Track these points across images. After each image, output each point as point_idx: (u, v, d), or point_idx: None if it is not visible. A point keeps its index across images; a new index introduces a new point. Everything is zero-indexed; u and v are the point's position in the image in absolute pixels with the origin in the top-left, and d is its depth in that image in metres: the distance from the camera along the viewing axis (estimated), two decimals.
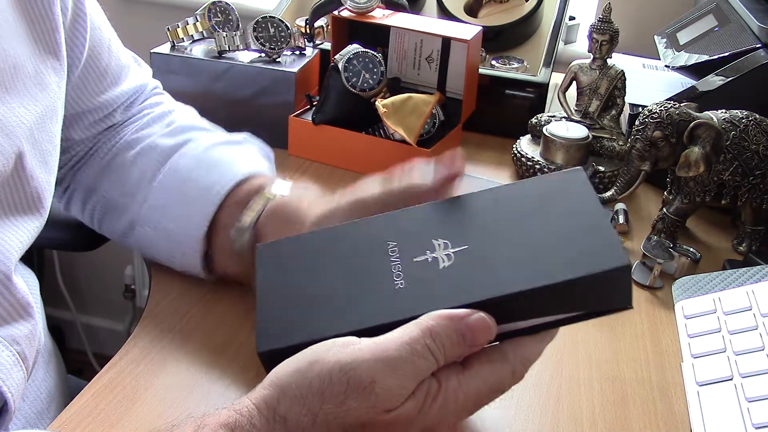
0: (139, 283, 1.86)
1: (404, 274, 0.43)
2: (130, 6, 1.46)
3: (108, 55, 0.70)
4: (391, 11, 0.98)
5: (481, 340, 0.40)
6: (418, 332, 0.39)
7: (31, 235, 0.56)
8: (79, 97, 0.68)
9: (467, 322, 0.40)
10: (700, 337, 0.62)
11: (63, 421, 0.52)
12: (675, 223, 0.79)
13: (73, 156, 0.72)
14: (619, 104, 0.95)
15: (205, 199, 0.63)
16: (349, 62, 0.90)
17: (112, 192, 0.69)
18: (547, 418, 0.57)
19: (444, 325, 0.40)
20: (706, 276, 0.69)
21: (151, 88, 0.77)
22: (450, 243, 0.43)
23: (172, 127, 0.71)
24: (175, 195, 0.65)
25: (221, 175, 0.64)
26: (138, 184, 0.67)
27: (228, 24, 0.98)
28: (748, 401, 0.53)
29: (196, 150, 0.67)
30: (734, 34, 0.94)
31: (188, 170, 0.65)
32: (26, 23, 0.57)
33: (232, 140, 0.70)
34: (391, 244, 0.44)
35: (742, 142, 0.76)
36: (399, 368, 0.38)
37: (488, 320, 0.40)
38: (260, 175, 0.65)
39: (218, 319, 0.64)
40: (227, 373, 0.58)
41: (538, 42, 1.14)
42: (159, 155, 0.68)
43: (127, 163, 0.69)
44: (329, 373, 0.39)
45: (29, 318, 0.55)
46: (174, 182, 0.65)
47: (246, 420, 0.39)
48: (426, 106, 0.90)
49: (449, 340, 0.39)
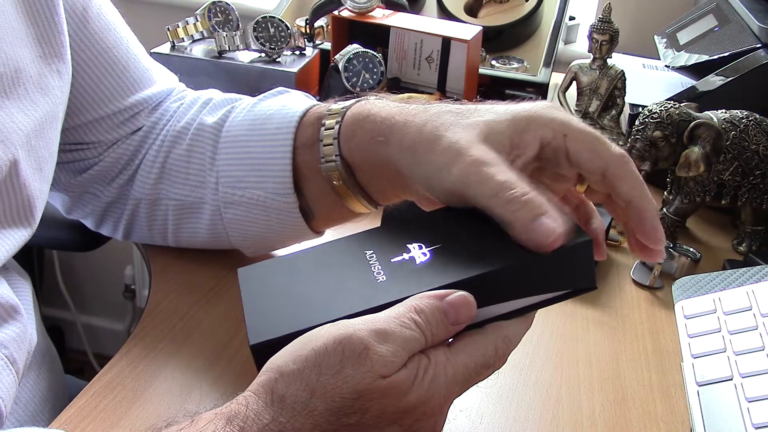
0: (139, 283, 1.86)
1: (384, 271, 0.45)
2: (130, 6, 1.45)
3: (126, 57, 0.67)
4: (391, 11, 0.98)
5: (462, 317, 0.42)
6: (405, 309, 0.41)
7: (17, 245, 0.55)
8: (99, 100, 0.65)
9: (449, 300, 0.42)
10: (700, 337, 0.62)
11: (63, 421, 0.52)
12: (675, 223, 0.79)
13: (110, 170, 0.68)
14: (619, 104, 0.95)
15: (275, 152, 0.60)
16: (349, 62, 0.90)
17: (180, 191, 0.66)
18: (547, 418, 0.57)
19: (428, 303, 0.42)
20: (706, 276, 0.69)
21: (179, 91, 0.74)
22: (424, 245, 0.46)
23: (209, 105, 0.68)
24: (245, 162, 0.62)
25: (280, 122, 0.61)
26: (202, 171, 0.64)
27: (228, 24, 0.98)
28: (748, 401, 0.53)
29: (243, 113, 0.64)
30: (734, 34, 0.94)
31: (246, 133, 0.62)
32: (30, 26, 0.56)
33: (270, 93, 0.66)
34: (369, 252, 0.47)
35: (742, 142, 0.76)
36: (389, 337, 0.40)
37: (468, 297, 0.42)
38: (313, 106, 0.61)
39: (218, 319, 0.64)
40: (227, 373, 0.58)
41: (538, 42, 1.14)
42: (210, 135, 0.64)
43: (182, 157, 0.65)
44: (324, 345, 0.40)
45: (16, 321, 0.54)
46: (237, 152, 0.62)
47: (243, 407, 0.40)
48: None
49: (434, 316, 0.41)
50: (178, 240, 0.69)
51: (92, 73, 0.65)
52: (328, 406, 0.39)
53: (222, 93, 0.70)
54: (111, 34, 0.66)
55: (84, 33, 0.64)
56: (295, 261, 0.49)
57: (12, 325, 0.54)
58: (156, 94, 0.70)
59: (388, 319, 0.41)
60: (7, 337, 0.53)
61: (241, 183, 0.62)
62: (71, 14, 0.62)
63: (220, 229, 0.65)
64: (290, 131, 0.60)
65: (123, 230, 0.70)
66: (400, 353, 0.40)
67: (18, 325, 0.54)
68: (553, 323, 0.67)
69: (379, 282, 0.44)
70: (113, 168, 0.68)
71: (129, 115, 0.68)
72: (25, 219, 0.55)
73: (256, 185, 0.61)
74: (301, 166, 0.60)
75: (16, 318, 0.54)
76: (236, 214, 0.63)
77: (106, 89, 0.66)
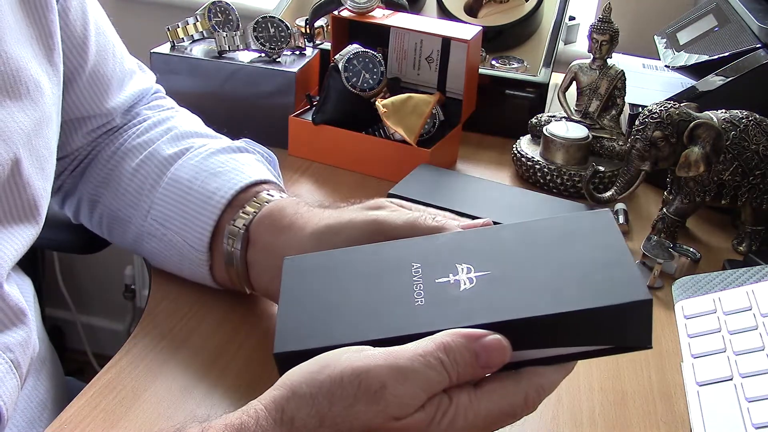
0: (139, 283, 1.86)
1: (425, 292, 0.43)
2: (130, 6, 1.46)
3: (113, 61, 0.69)
4: (391, 11, 0.98)
5: (494, 362, 0.40)
6: (433, 346, 0.39)
7: (25, 244, 0.56)
8: (85, 103, 0.68)
9: (482, 342, 0.40)
10: (700, 337, 0.62)
11: (63, 421, 0.52)
12: (675, 223, 0.79)
13: (73, 161, 0.71)
14: (619, 104, 0.95)
15: (206, 210, 0.62)
16: (349, 62, 0.90)
17: (115, 203, 0.68)
18: (547, 418, 0.57)
19: (459, 342, 0.40)
20: (706, 276, 0.69)
21: (153, 92, 0.77)
22: (473, 268, 0.44)
23: (171, 133, 0.70)
24: (177, 206, 0.64)
25: (221, 185, 0.63)
26: (139, 194, 0.67)
27: (228, 24, 0.98)
28: (748, 401, 0.53)
29: (196, 159, 0.66)
30: (734, 34, 0.94)
31: (189, 180, 0.65)
32: (29, 26, 0.57)
33: (232, 147, 0.69)
34: (416, 266, 0.45)
35: (742, 142, 0.76)
36: (410, 377, 0.38)
37: (503, 342, 0.40)
38: (260, 182, 0.65)
39: (218, 320, 0.64)
40: (227, 373, 0.58)
41: (538, 42, 1.14)
42: (159, 164, 0.67)
43: (128, 174, 0.68)
44: (341, 374, 0.38)
45: (23, 325, 0.54)
46: (175, 193, 0.65)
47: (253, 421, 0.39)
48: (426, 106, 0.90)
49: (462, 357, 0.39)
50: (111, 240, 0.72)
51: (86, 76, 0.67)
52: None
53: (187, 123, 0.73)
54: (102, 38, 0.68)
55: (83, 37, 0.64)
56: (342, 258, 0.48)
57: (20, 329, 0.54)
58: (131, 96, 0.73)
59: (413, 356, 0.39)
60: (13, 341, 0.53)
61: (167, 222, 0.64)
62: (73, 19, 0.63)
63: (140, 250, 0.68)
64: (225, 198, 0.62)
65: (72, 213, 0.74)
66: (418, 396, 0.39)
67: (25, 329, 0.54)
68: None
69: (416, 305, 0.43)
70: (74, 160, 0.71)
71: (105, 120, 0.70)
72: (31, 217, 0.56)
73: (178, 230, 0.64)
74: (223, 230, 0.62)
75: (24, 322, 0.55)
76: (155, 247, 0.66)
77: (95, 92, 0.68)
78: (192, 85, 0.95)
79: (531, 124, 0.97)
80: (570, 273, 0.43)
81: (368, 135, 0.92)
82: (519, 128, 0.98)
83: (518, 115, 1.01)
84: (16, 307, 0.53)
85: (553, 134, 0.90)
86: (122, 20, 0.72)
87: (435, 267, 0.45)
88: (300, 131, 0.94)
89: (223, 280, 0.64)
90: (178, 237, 0.64)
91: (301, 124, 0.94)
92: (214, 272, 0.64)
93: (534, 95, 1.02)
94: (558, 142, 0.89)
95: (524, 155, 0.93)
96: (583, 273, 0.43)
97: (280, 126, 0.94)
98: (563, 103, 0.96)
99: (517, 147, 0.95)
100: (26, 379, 0.61)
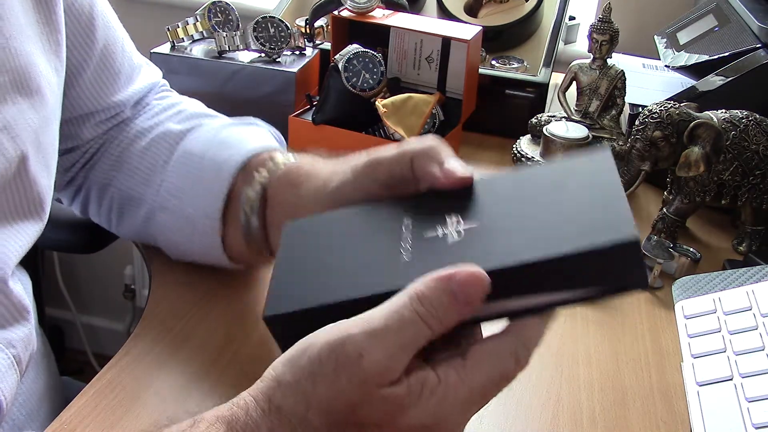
0: (139, 283, 1.86)
1: (413, 249, 0.42)
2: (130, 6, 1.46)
3: (121, 55, 0.69)
4: (391, 11, 0.98)
5: (475, 296, 0.38)
6: (405, 299, 0.38)
7: (30, 240, 0.56)
8: (92, 97, 0.68)
9: (456, 278, 0.38)
10: (700, 337, 0.62)
11: (63, 421, 0.52)
12: (675, 223, 0.79)
13: (84, 153, 0.71)
14: (619, 104, 0.95)
15: (219, 177, 0.61)
16: (349, 62, 0.90)
17: (127, 183, 0.67)
18: (547, 418, 0.57)
19: (433, 287, 0.38)
20: (706, 276, 0.69)
21: (160, 86, 0.77)
22: (462, 219, 0.43)
23: (182, 114, 0.70)
24: (189, 176, 0.63)
25: (232, 153, 0.62)
26: (152, 170, 0.66)
27: (228, 24, 0.98)
28: (748, 401, 0.53)
29: (207, 132, 0.66)
30: (734, 34, 0.94)
31: (201, 151, 0.64)
32: (39, 22, 0.57)
33: (242, 121, 0.69)
34: (407, 222, 0.44)
35: (742, 142, 0.76)
36: (386, 339, 0.37)
37: (478, 273, 0.38)
38: (270, 149, 0.63)
39: (218, 319, 0.64)
40: (227, 373, 0.58)
41: (538, 42, 1.14)
42: (170, 140, 0.66)
43: (139, 152, 0.67)
44: (318, 354, 0.38)
45: (25, 321, 0.54)
46: (187, 164, 0.64)
47: (243, 412, 0.39)
48: (426, 106, 0.90)
49: (440, 301, 0.38)
50: (119, 230, 0.71)
51: (92, 69, 0.67)
52: (324, 420, 0.38)
53: (196, 106, 0.73)
54: (111, 32, 0.68)
55: (89, 30, 0.65)
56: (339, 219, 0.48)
57: (22, 326, 0.54)
58: (140, 89, 0.72)
59: (388, 315, 0.37)
60: (16, 337, 0.53)
61: (179, 192, 0.64)
62: (79, 12, 0.63)
63: (151, 229, 0.67)
64: (237, 164, 0.62)
65: (80, 206, 0.73)
66: (398, 356, 0.37)
67: (27, 325, 0.55)
68: (553, 323, 0.67)
69: (402, 262, 0.41)
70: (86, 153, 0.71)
71: (115, 113, 0.70)
72: (36, 213, 0.56)
73: (190, 200, 0.63)
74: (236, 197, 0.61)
75: (27, 319, 0.55)
76: (166, 220, 0.65)
77: (102, 85, 0.68)
78: (192, 85, 0.95)
79: (531, 124, 0.97)
80: (558, 217, 0.41)
81: (368, 135, 0.92)
82: (519, 128, 0.98)
83: (518, 115, 1.01)
84: (20, 304, 0.54)
85: (553, 134, 0.90)
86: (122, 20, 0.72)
87: (425, 221, 0.43)
88: (300, 131, 0.94)
89: (237, 251, 0.62)
90: (190, 208, 0.63)
91: (301, 124, 0.94)
92: (226, 243, 0.62)
93: (534, 95, 1.02)
94: (558, 142, 0.89)
95: (524, 155, 0.93)
96: (571, 216, 0.41)
97: (280, 126, 0.93)
98: (563, 103, 0.96)
99: (517, 147, 0.95)
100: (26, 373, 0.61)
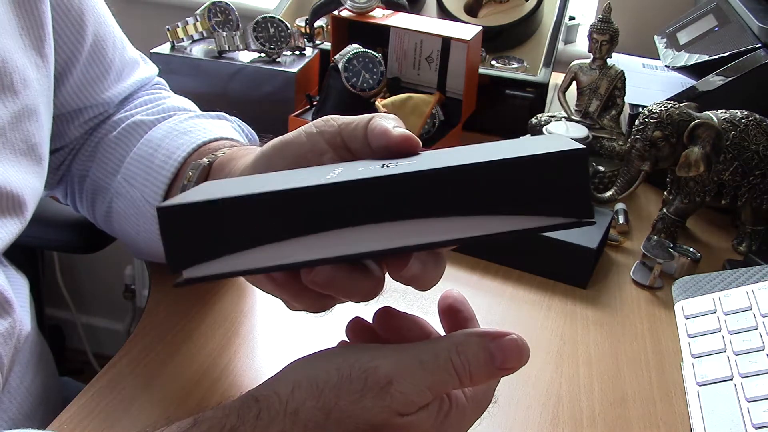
0: (139, 283, 1.86)
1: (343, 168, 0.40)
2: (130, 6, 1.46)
3: (113, 50, 0.69)
4: (391, 11, 0.98)
5: (511, 363, 0.39)
6: (445, 344, 0.39)
7: (8, 237, 0.55)
8: (82, 92, 0.67)
9: (499, 342, 0.39)
10: (700, 337, 0.62)
11: (63, 421, 0.52)
12: (675, 223, 0.79)
13: (70, 152, 0.71)
14: (619, 104, 0.95)
15: (167, 163, 0.62)
16: (349, 62, 0.90)
17: (97, 173, 0.68)
18: (547, 418, 0.57)
19: (473, 342, 0.39)
20: (706, 276, 0.69)
21: (154, 83, 0.76)
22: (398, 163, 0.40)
23: (158, 107, 0.70)
24: (142, 162, 0.63)
25: (186, 140, 0.62)
26: (120, 160, 0.66)
27: (228, 24, 0.98)
28: (748, 401, 0.53)
29: (171, 122, 0.66)
30: (734, 34, 0.94)
31: (159, 139, 0.64)
32: (16, 16, 0.56)
33: (211, 114, 0.69)
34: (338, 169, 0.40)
35: (742, 142, 0.76)
36: (418, 376, 0.38)
37: (520, 341, 0.39)
38: (227, 140, 0.63)
39: (218, 319, 0.64)
40: (228, 373, 0.58)
41: (538, 42, 1.14)
42: (141, 131, 0.67)
43: (110, 143, 0.68)
44: (349, 368, 0.38)
45: (8, 315, 0.54)
46: (145, 152, 0.64)
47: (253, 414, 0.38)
48: (426, 106, 0.90)
49: (476, 358, 0.38)
50: (97, 221, 0.71)
51: (82, 64, 0.66)
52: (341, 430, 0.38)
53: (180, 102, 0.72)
54: (102, 27, 0.68)
55: (79, 25, 0.64)
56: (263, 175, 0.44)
57: (3, 320, 0.53)
58: (129, 86, 0.72)
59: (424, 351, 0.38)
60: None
61: (132, 179, 0.64)
62: (68, 7, 0.62)
63: (112, 219, 0.67)
64: (186, 151, 0.61)
65: (71, 202, 0.73)
66: (425, 394, 0.38)
67: (9, 319, 0.54)
68: (553, 323, 0.67)
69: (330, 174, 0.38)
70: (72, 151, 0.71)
71: (100, 111, 0.70)
72: (13, 210, 0.55)
73: (141, 186, 0.63)
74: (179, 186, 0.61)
75: (9, 312, 0.54)
76: (120, 207, 0.65)
77: (93, 80, 0.68)
78: (192, 85, 0.95)
79: (531, 124, 0.97)
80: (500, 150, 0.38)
81: None
82: (519, 128, 0.98)
83: (518, 115, 1.01)
84: (1, 296, 0.53)
85: (553, 134, 0.89)
86: (122, 20, 0.72)
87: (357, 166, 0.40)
88: None
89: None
90: (138, 193, 0.63)
91: (301, 124, 0.93)
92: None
93: (534, 95, 1.02)
94: None
95: None
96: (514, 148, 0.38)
97: (280, 126, 0.94)
98: (563, 103, 0.96)
99: None
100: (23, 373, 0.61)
